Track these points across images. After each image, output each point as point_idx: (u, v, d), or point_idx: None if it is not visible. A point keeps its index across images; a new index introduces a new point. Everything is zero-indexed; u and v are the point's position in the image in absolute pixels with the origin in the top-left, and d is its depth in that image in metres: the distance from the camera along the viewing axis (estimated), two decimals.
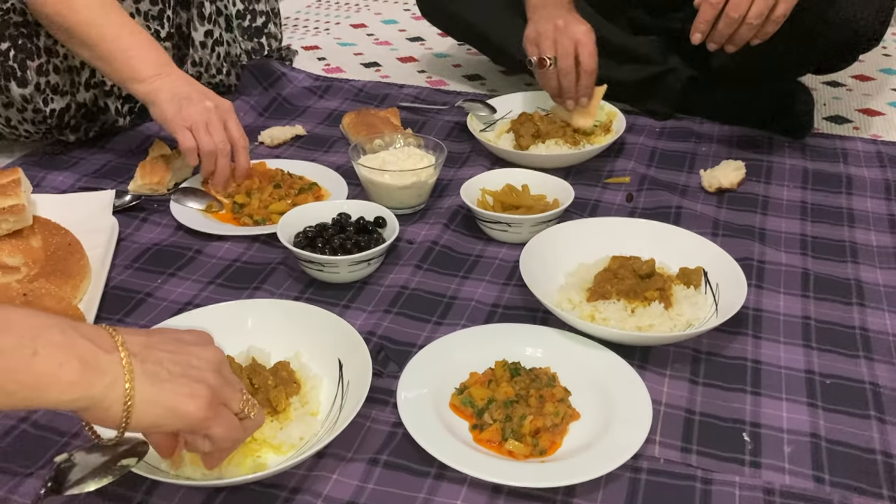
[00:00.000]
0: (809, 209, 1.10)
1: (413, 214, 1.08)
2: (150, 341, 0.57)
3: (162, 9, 1.26)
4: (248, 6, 1.37)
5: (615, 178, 1.18)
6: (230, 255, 0.99)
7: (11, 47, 1.13)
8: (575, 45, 1.16)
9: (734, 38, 1.06)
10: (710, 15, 1.04)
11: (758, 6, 1.01)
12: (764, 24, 1.04)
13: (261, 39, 1.42)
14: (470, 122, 1.27)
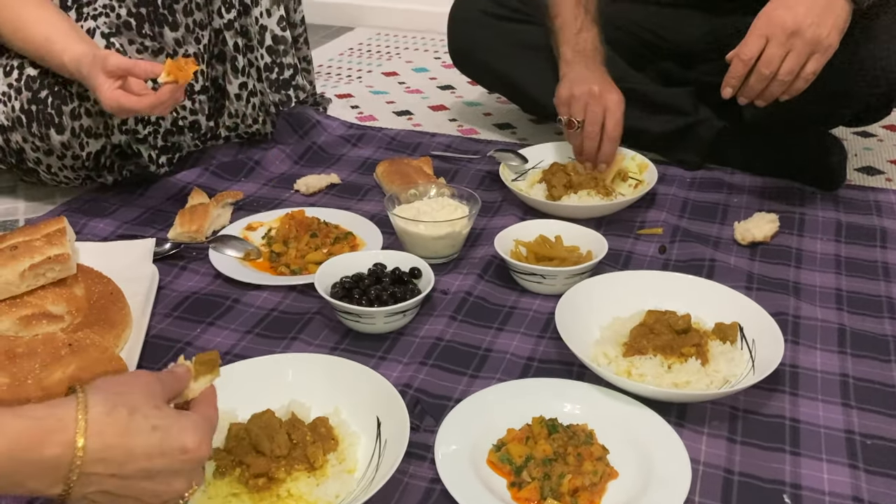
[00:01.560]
0: (844, 263, 1.10)
1: (447, 264, 1.10)
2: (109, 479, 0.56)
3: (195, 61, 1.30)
4: (276, 59, 1.40)
5: (647, 229, 1.18)
6: (268, 304, 1.01)
7: (49, 94, 1.16)
8: (604, 112, 1.19)
9: (765, 94, 1.07)
10: (742, 71, 1.05)
11: (789, 63, 1.03)
12: (794, 81, 1.05)
13: (288, 91, 1.43)
14: (502, 172, 1.28)
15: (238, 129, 1.42)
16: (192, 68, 1.06)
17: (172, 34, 1.25)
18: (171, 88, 1.07)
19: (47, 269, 0.94)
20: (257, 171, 1.37)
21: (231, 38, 1.33)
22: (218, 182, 1.33)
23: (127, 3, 1.22)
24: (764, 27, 1.04)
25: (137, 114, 1.12)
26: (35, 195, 1.29)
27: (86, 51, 1.10)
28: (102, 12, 1.22)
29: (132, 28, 1.22)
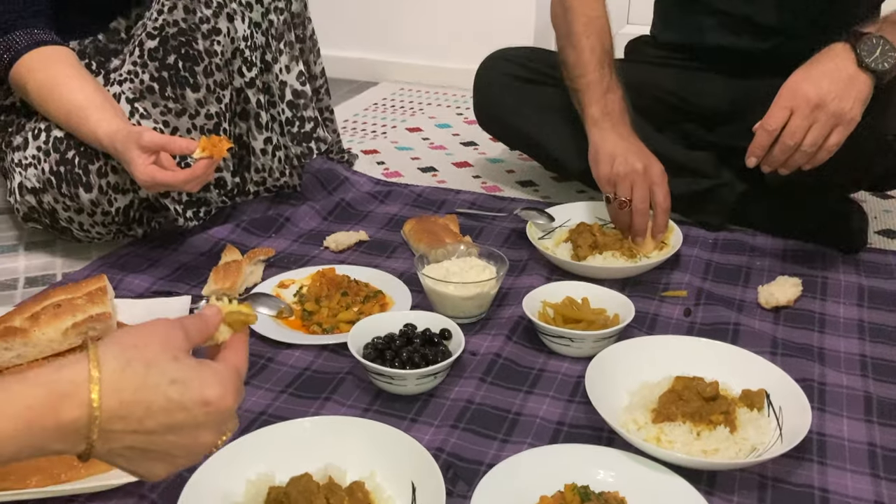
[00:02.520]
0: (867, 328, 1.11)
1: (475, 324, 1.12)
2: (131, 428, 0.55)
3: (218, 122, 1.33)
4: (296, 113, 1.43)
5: (672, 291, 1.20)
6: (301, 363, 1.03)
7: (76, 154, 1.21)
8: (651, 186, 1.22)
9: (788, 163, 1.10)
10: (767, 141, 1.08)
11: (813, 135, 1.06)
12: (817, 152, 1.08)
13: (310, 144, 1.46)
14: (529, 231, 1.31)
15: (266, 183, 1.45)
16: (226, 145, 1.10)
17: (194, 95, 1.29)
18: (206, 164, 1.10)
19: (89, 327, 0.97)
20: (287, 227, 1.40)
21: (254, 95, 1.37)
22: (249, 238, 1.36)
23: (149, 69, 1.26)
24: (789, 99, 1.07)
25: (171, 189, 1.15)
26: (71, 250, 1.32)
27: (120, 126, 1.14)
28: (127, 78, 1.27)
29: (155, 92, 1.27)
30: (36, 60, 1.20)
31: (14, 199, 1.26)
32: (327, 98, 1.54)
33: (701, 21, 1.46)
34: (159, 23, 1.27)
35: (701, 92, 1.47)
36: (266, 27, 1.35)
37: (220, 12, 1.29)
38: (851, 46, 1.08)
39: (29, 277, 1.25)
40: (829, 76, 1.06)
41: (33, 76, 1.20)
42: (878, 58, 1.07)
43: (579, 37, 1.33)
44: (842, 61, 1.08)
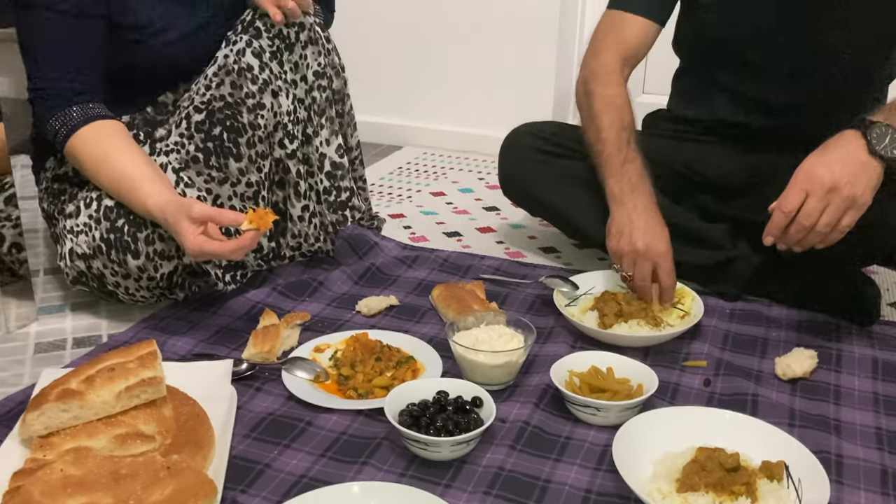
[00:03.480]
0: (882, 401, 1.15)
1: (504, 390, 1.16)
2: None
3: (257, 190, 1.41)
4: (334, 183, 1.50)
5: (692, 361, 1.25)
6: (338, 427, 1.08)
7: (125, 223, 1.27)
8: (654, 266, 1.29)
9: (803, 242, 1.16)
10: (783, 222, 1.14)
11: (827, 217, 1.12)
12: (830, 233, 1.14)
13: (345, 212, 1.53)
14: (556, 298, 1.36)
15: (301, 248, 1.52)
16: (271, 218, 1.17)
17: (236, 164, 1.37)
18: (252, 235, 1.17)
19: (141, 391, 1.02)
20: (321, 290, 1.46)
21: (294, 165, 1.44)
22: (284, 301, 1.42)
23: (195, 140, 1.34)
24: (804, 182, 1.14)
25: (218, 258, 1.21)
26: (115, 312, 1.38)
27: (170, 198, 1.21)
28: (174, 149, 1.35)
29: (200, 161, 1.34)
30: (90, 134, 1.28)
31: (64, 264, 1.33)
32: (361, 168, 1.61)
33: (715, 99, 1.53)
34: (206, 97, 1.35)
35: (717, 165, 1.53)
36: (309, 103, 1.43)
37: (265, 88, 1.37)
38: (862, 134, 1.15)
39: (76, 338, 1.31)
40: (843, 162, 1.13)
41: (88, 149, 1.27)
42: (888, 146, 1.14)
43: (600, 115, 1.41)
44: (854, 148, 1.15)
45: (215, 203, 1.36)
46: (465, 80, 2.42)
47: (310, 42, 1.41)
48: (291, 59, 1.40)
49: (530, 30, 2.32)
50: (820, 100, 1.43)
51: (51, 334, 1.32)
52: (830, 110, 1.37)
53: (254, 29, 1.37)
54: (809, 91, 1.43)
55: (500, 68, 2.38)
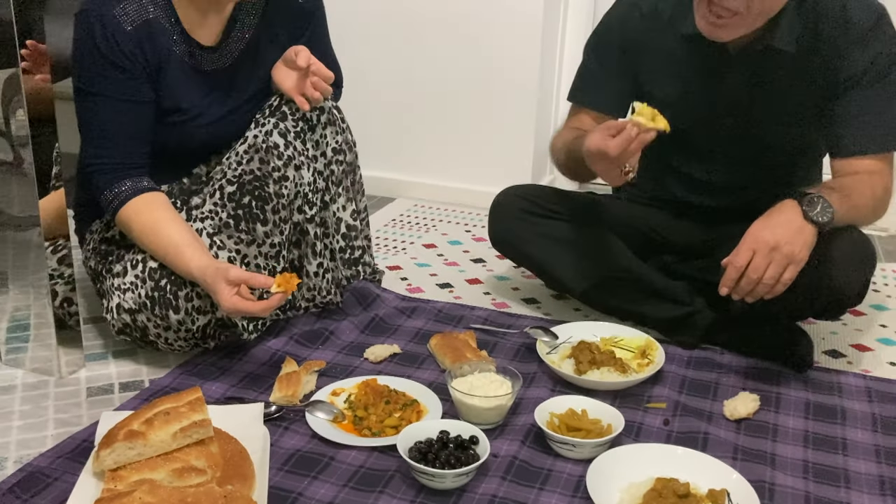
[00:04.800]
0: (811, 438, 1.37)
1: (495, 430, 1.37)
2: None
3: (279, 250, 1.61)
4: (349, 243, 1.71)
5: (654, 403, 1.47)
6: (356, 461, 1.28)
7: (168, 282, 1.47)
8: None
9: (752, 293, 1.40)
10: (735, 275, 1.38)
11: (771, 271, 1.36)
12: (775, 285, 1.37)
13: (358, 267, 1.75)
14: (539, 347, 1.58)
15: (315, 300, 1.72)
16: (296, 281, 1.38)
17: (263, 228, 1.57)
18: (280, 297, 1.38)
19: (193, 431, 1.21)
20: (332, 339, 1.66)
21: (312, 228, 1.65)
22: (300, 349, 1.62)
23: (228, 209, 1.54)
24: (751, 243, 1.38)
25: (249, 315, 1.41)
26: (153, 359, 1.57)
27: (209, 263, 1.41)
28: (208, 216, 1.54)
29: (231, 227, 1.54)
30: (140, 205, 1.47)
31: (111, 317, 1.52)
32: (367, 229, 1.83)
33: (668, 179, 1.77)
34: (238, 172, 1.55)
35: (677, 231, 1.77)
36: (328, 175, 1.64)
37: (289, 163, 1.58)
38: (798, 203, 1.40)
39: (122, 383, 1.50)
40: (783, 226, 1.38)
41: (138, 218, 1.47)
42: (819, 213, 1.39)
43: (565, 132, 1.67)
44: (792, 214, 1.39)
45: (243, 261, 1.56)
46: (453, 140, 2.65)
47: (329, 123, 1.62)
48: (313, 137, 1.61)
49: (512, 96, 2.56)
50: (761, 180, 1.67)
51: (99, 379, 1.50)
52: (770, 188, 1.61)
53: (280, 113, 1.59)
54: (751, 173, 1.67)
55: (484, 129, 2.61)
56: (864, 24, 1.49)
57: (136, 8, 1.47)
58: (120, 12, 1.45)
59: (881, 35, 1.50)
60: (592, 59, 1.72)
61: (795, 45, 1.51)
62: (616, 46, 1.67)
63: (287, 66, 1.59)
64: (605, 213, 1.80)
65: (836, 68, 1.51)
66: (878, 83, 1.50)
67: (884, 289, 2.05)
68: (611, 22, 1.70)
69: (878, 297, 1.98)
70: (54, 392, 1.47)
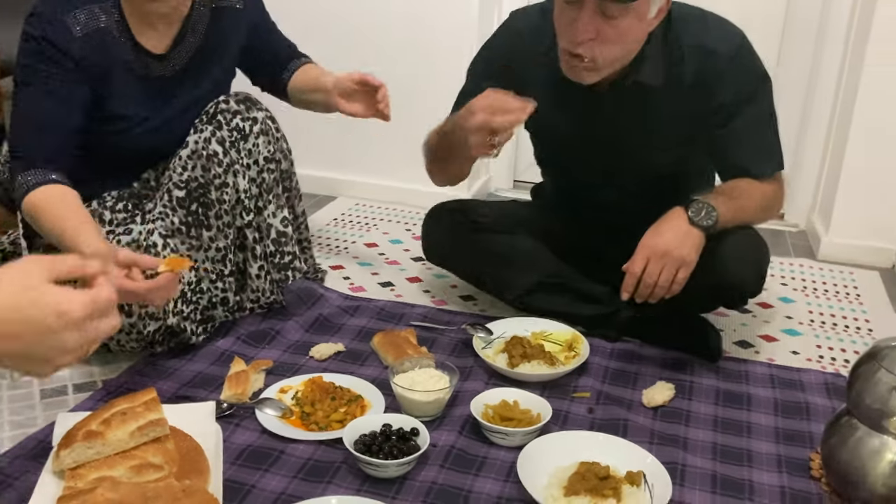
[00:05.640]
0: (720, 422, 1.52)
1: (434, 421, 1.47)
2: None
3: (224, 254, 1.69)
4: (279, 248, 1.78)
5: (579, 392, 1.59)
6: (305, 454, 1.37)
7: None
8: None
9: (652, 296, 1.53)
10: (632, 281, 1.52)
11: (665, 274, 1.50)
12: (671, 286, 1.51)
13: (287, 272, 1.81)
14: (475, 343, 1.69)
15: (259, 301, 1.80)
16: (187, 263, 1.43)
17: (207, 234, 1.64)
18: (169, 277, 1.40)
19: (150, 430, 1.29)
20: (278, 339, 1.74)
21: (250, 233, 1.73)
22: (247, 349, 1.69)
23: (178, 214, 1.61)
24: (645, 250, 1.52)
25: (138, 297, 1.40)
26: (104, 360, 1.63)
27: (100, 246, 1.42)
28: (159, 217, 1.61)
29: (183, 233, 1.61)
30: (46, 192, 1.49)
31: None
32: (306, 231, 1.91)
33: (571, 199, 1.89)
34: (184, 177, 1.62)
35: (588, 239, 1.88)
36: (259, 182, 1.71)
37: (228, 170, 1.65)
38: (685, 209, 1.54)
39: (75, 384, 1.55)
40: (671, 232, 1.52)
41: (43, 205, 1.48)
42: (704, 217, 1.53)
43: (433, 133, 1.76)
44: (679, 221, 1.53)
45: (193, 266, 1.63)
46: (393, 140, 2.74)
47: (262, 133, 1.70)
48: (246, 146, 1.68)
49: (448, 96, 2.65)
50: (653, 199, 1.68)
51: (52, 381, 1.55)
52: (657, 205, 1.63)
53: (216, 121, 1.66)
54: (641, 194, 1.74)
55: (423, 130, 2.70)
56: (727, 52, 1.57)
57: (88, 16, 1.52)
58: (71, 18, 1.50)
59: (744, 61, 1.60)
60: (471, 81, 1.76)
61: (663, 79, 1.59)
62: (498, 67, 1.72)
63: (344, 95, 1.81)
64: (527, 220, 1.92)
65: (705, 97, 1.60)
66: (748, 107, 1.61)
67: (791, 282, 2.22)
68: (492, 47, 1.76)
69: (785, 290, 2.16)
70: (7, 395, 1.51)
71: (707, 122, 1.64)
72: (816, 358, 1.79)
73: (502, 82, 1.60)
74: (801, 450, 1.43)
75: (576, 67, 1.54)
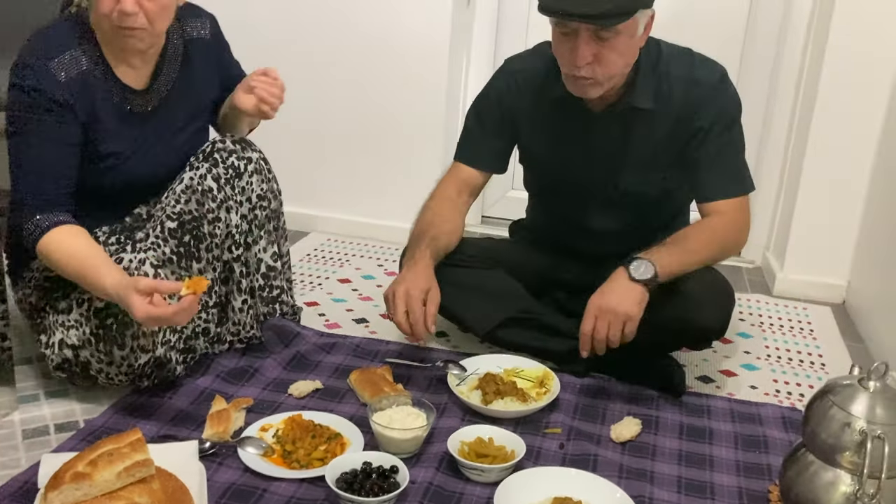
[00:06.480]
0: (684, 456, 1.59)
1: (412, 458, 1.52)
2: None
3: (211, 286, 1.73)
4: (267, 282, 1.83)
5: (551, 428, 1.65)
6: (287, 492, 1.40)
7: (114, 321, 1.56)
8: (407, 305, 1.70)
9: (608, 346, 1.64)
10: (586, 339, 1.65)
11: (613, 330, 1.63)
12: (621, 339, 1.63)
13: (275, 306, 1.86)
14: (449, 380, 1.74)
15: (239, 334, 1.84)
16: (205, 283, 1.48)
17: (197, 265, 1.69)
18: (191, 299, 1.45)
19: (136, 471, 1.31)
20: (256, 376, 1.78)
21: (238, 267, 1.77)
22: (227, 386, 1.73)
23: (170, 245, 1.64)
24: (592, 310, 1.65)
25: (165, 321, 1.45)
26: (85, 398, 1.65)
27: (121, 278, 1.47)
28: (151, 247, 1.64)
29: (173, 263, 1.65)
30: (59, 235, 1.54)
31: (51, 352, 1.60)
32: (289, 272, 1.95)
33: (552, 226, 1.99)
34: (178, 210, 1.66)
35: (565, 271, 1.97)
36: (251, 218, 1.76)
37: (221, 206, 1.70)
38: (625, 268, 1.65)
39: (57, 424, 1.57)
40: (614, 291, 1.64)
41: (58, 247, 1.53)
42: (642, 272, 1.65)
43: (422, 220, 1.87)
44: (620, 279, 1.66)
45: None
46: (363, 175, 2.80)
47: (256, 172, 1.75)
48: (240, 183, 1.73)
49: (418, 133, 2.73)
50: (631, 224, 1.89)
51: (33, 421, 1.57)
52: (641, 231, 1.84)
53: (212, 159, 1.71)
54: (622, 218, 1.88)
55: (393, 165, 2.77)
56: (710, 81, 1.76)
57: (70, 60, 1.58)
58: (55, 65, 1.55)
59: (724, 91, 1.77)
60: (474, 122, 1.94)
61: (652, 102, 1.76)
62: (496, 112, 1.90)
63: (243, 90, 1.75)
64: (503, 256, 1.99)
65: (688, 121, 1.76)
66: (725, 133, 1.77)
67: (748, 317, 2.32)
68: (491, 91, 1.91)
69: (744, 326, 2.25)
70: None
71: (688, 143, 1.78)
72: (773, 392, 1.89)
73: (505, 123, 1.85)
74: (760, 482, 1.51)
75: (580, 85, 1.69)
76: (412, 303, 1.68)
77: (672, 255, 1.68)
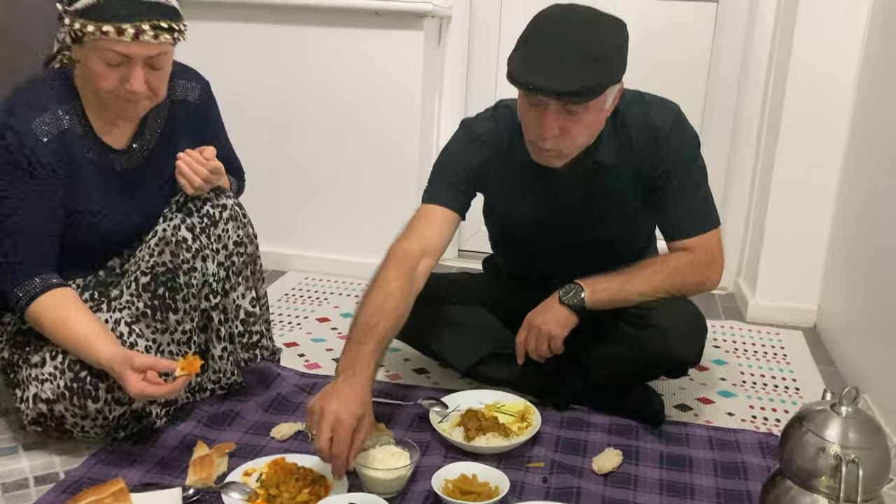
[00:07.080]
0: (665, 485, 1.61)
1: (396, 498, 1.53)
2: None
3: (190, 336, 1.73)
4: (247, 328, 1.83)
5: (533, 463, 1.67)
6: None
7: (88, 374, 1.56)
8: (332, 429, 1.46)
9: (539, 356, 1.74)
10: (521, 350, 1.79)
11: (539, 345, 1.74)
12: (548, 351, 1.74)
13: (255, 351, 1.86)
14: (431, 417, 1.75)
15: (220, 382, 1.83)
16: (199, 363, 1.50)
17: (174, 317, 1.68)
18: (184, 379, 1.50)
19: None
20: (238, 420, 1.78)
21: (216, 315, 1.77)
22: (209, 431, 1.72)
23: (143, 299, 1.65)
24: (525, 327, 1.77)
25: (157, 398, 1.51)
26: (64, 449, 1.64)
27: (116, 352, 1.50)
28: (126, 306, 1.65)
29: (148, 316, 1.65)
30: (49, 301, 1.56)
31: (26, 406, 1.58)
32: (267, 313, 1.96)
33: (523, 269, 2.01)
34: (150, 263, 1.66)
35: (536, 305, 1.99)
36: (228, 265, 1.77)
37: (197, 255, 1.70)
38: (559, 290, 1.73)
39: (36, 476, 1.55)
40: (544, 311, 1.76)
41: (48, 315, 1.55)
42: (572, 297, 1.74)
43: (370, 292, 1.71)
44: (552, 300, 1.77)
45: (158, 349, 1.66)
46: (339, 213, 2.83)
47: (231, 218, 1.76)
48: (216, 232, 1.74)
49: (395, 172, 2.76)
50: (600, 263, 1.84)
51: (11, 474, 1.55)
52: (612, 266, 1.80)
53: (186, 209, 1.71)
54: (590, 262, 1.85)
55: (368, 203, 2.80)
56: (665, 123, 1.76)
57: (52, 119, 1.58)
58: (37, 125, 1.55)
59: (680, 129, 1.77)
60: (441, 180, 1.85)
61: (616, 156, 1.77)
62: (462, 171, 1.83)
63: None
64: (479, 292, 2.02)
65: (650, 166, 1.77)
66: (685, 172, 1.77)
67: (723, 344, 2.36)
68: (455, 150, 1.86)
69: (719, 353, 2.29)
70: None
71: (652, 186, 1.80)
72: (750, 418, 1.92)
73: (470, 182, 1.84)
74: None
75: (544, 156, 1.70)
76: (340, 431, 1.44)
77: (610, 284, 1.74)
